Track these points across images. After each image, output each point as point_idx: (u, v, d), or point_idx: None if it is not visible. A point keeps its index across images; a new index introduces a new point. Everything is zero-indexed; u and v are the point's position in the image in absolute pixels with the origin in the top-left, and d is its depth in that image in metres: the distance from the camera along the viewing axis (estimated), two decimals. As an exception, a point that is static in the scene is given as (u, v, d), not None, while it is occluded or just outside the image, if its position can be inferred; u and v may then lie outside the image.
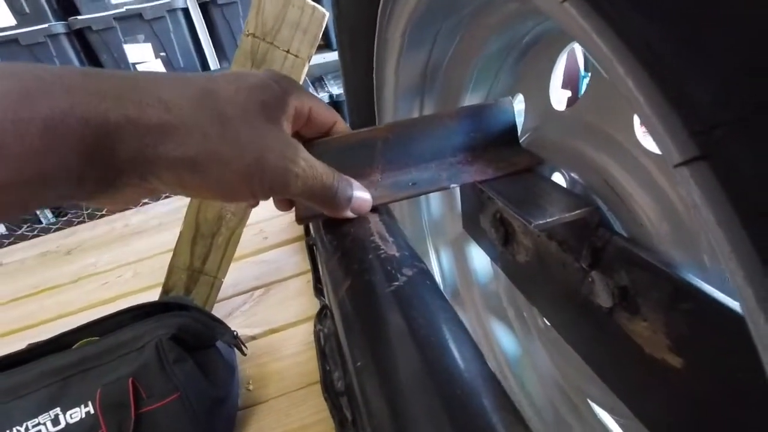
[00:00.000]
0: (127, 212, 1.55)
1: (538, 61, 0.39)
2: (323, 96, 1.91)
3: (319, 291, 0.37)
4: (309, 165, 0.26)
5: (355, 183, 0.31)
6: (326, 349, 0.27)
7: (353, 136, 0.37)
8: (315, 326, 0.29)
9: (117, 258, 1.25)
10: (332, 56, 1.89)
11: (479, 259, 0.59)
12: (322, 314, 0.31)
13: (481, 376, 0.20)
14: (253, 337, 0.82)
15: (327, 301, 0.31)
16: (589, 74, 0.31)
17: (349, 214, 0.31)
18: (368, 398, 0.21)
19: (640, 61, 0.13)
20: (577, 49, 0.36)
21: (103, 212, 1.55)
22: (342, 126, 0.33)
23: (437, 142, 0.38)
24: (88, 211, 1.55)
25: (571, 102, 0.36)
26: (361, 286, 0.26)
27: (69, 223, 1.55)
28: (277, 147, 0.25)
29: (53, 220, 1.76)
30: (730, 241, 0.12)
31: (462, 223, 0.53)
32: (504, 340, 0.59)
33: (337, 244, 0.31)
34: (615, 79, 0.15)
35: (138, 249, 1.27)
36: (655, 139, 0.14)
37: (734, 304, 0.22)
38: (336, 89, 1.96)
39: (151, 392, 0.58)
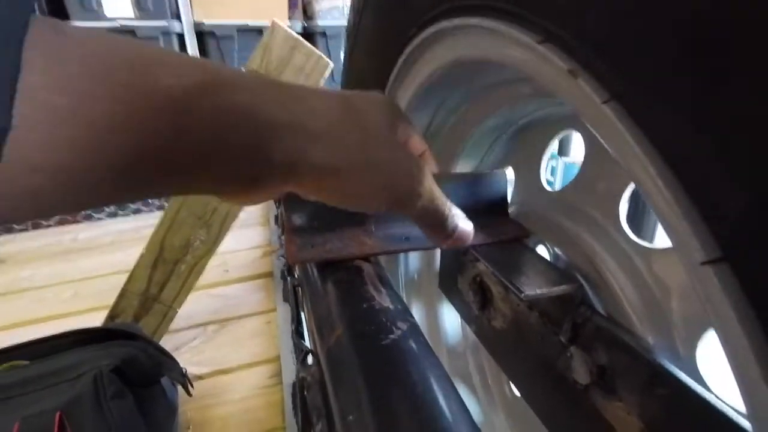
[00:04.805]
0: (78, 226, 1.46)
1: (532, 141, 0.42)
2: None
3: (299, 335, 0.36)
4: (430, 188, 0.27)
5: (462, 215, 0.30)
6: (308, 398, 0.26)
7: None
8: (297, 373, 0.28)
9: (57, 274, 1.16)
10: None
11: (450, 320, 0.59)
12: (305, 360, 0.30)
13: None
14: (200, 377, 0.77)
15: (311, 347, 0.30)
16: (583, 162, 0.34)
17: (449, 242, 0.30)
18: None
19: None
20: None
21: (51, 223, 1.45)
22: (429, 156, 0.33)
23: (432, 202, 0.39)
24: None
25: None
26: (354, 335, 0.26)
27: (9, 230, 1.43)
28: (407, 165, 0.26)
29: (-10, 223, 1.62)
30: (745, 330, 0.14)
31: (438, 282, 0.54)
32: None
33: (330, 290, 0.31)
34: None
35: (83, 267, 1.18)
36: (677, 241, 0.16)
37: (708, 395, 0.24)
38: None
39: (78, 430, 0.52)
